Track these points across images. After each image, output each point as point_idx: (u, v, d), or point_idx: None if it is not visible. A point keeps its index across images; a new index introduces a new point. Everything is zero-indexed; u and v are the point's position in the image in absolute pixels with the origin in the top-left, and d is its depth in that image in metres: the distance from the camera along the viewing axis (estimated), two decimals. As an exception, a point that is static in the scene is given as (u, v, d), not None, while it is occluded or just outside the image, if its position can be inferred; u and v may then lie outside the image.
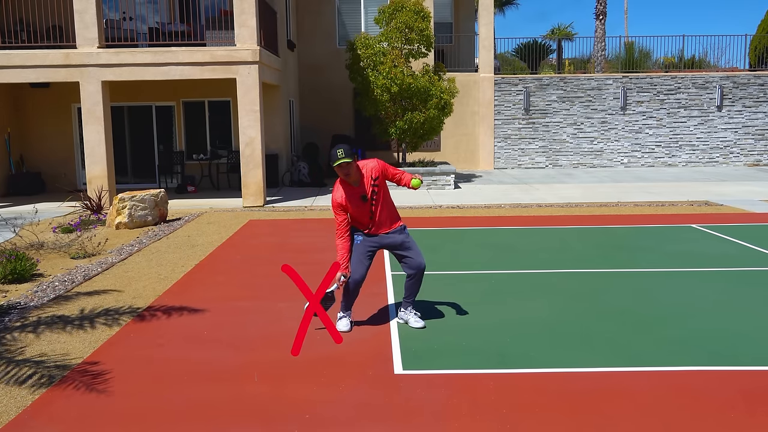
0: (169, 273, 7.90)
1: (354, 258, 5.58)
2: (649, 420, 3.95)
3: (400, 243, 5.59)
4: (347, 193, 5.42)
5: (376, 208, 5.47)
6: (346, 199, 5.41)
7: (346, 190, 5.42)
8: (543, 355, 5.02)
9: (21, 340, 5.54)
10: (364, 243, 5.55)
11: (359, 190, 5.42)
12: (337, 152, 5.24)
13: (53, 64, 13.19)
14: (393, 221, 5.59)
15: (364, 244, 5.56)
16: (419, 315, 5.83)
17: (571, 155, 21.34)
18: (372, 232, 5.55)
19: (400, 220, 5.67)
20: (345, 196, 5.41)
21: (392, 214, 5.61)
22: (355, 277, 5.57)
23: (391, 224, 5.58)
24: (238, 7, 13.26)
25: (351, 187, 5.42)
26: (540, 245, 9.22)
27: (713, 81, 21.23)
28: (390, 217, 5.58)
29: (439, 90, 16.17)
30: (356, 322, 5.87)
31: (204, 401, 4.31)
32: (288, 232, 10.59)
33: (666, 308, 6.20)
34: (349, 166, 5.28)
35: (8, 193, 15.92)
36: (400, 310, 5.86)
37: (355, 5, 20.22)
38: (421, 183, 5.57)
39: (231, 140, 17.09)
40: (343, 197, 5.42)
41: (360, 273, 5.57)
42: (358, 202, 5.42)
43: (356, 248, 5.58)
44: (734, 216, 11.65)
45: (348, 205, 5.43)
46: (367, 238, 5.56)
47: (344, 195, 5.42)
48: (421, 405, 4.20)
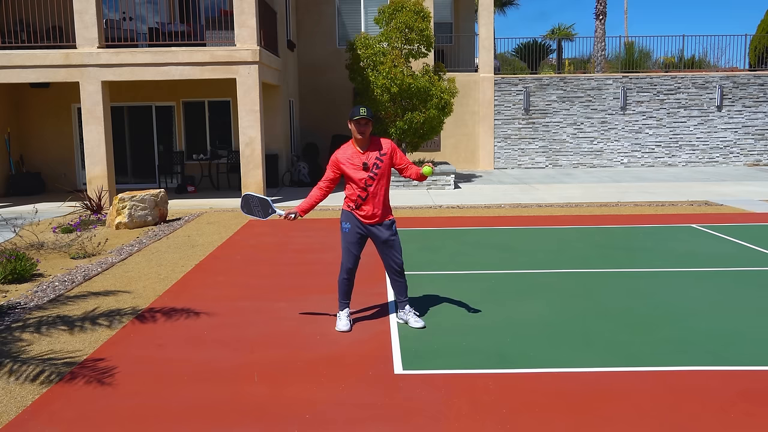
0: (169, 273, 7.90)
1: (344, 248, 5.59)
2: (649, 420, 3.95)
3: (385, 239, 5.57)
4: (351, 154, 5.46)
5: (373, 184, 5.45)
6: (346, 159, 5.45)
7: (351, 152, 5.47)
8: (543, 355, 5.03)
9: (21, 341, 5.55)
10: (352, 230, 5.55)
11: (363, 157, 5.45)
12: (360, 109, 5.34)
13: (53, 64, 13.19)
14: (385, 213, 5.59)
15: (352, 232, 5.55)
16: (418, 314, 5.84)
17: (571, 155, 21.34)
18: (360, 211, 5.50)
19: (391, 214, 5.68)
20: (347, 156, 5.46)
21: (386, 205, 5.60)
22: (348, 265, 5.58)
23: (383, 215, 5.56)
24: (238, 7, 13.26)
25: (357, 151, 5.46)
26: (540, 245, 9.22)
27: (713, 81, 21.23)
28: (384, 206, 5.56)
29: (439, 90, 16.17)
30: (356, 320, 5.87)
31: (204, 401, 4.32)
32: (288, 232, 10.59)
33: (665, 308, 6.20)
34: (367, 124, 5.37)
35: (8, 193, 15.92)
36: (399, 311, 5.87)
37: (355, 5, 20.23)
38: (432, 170, 5.47)
39: (231, 140, 17.10)
40: (344, 156, 5.46)
41: (351, 261, 5.57)
42: (357, 167, 5.43)
43: (344, 237, 5.58)
44: (734, 216, 11.65)
45: (346, 166, 5.44)
46: (355, 224, 5.53)
47: (346, 155, 5.46)
48: (420, 405, 4.20)
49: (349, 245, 5.56)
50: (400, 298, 5.77)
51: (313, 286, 7.18)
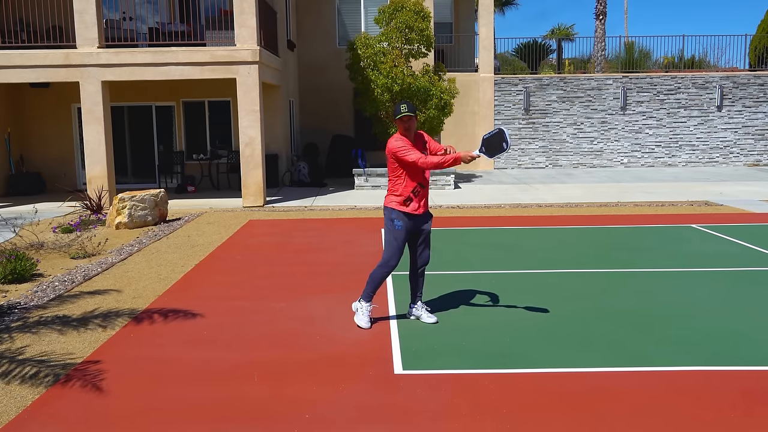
0: (169, 273, 7.90)
1: (394, 245, 5.55)
2: (649, 420, 3.95)
3: (429, 232, 5.70)
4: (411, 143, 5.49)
5: (428, 173, 5.60)
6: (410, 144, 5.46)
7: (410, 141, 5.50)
8: (543, 355, 5.02)
9: (21, 340, 5.54)
10: (404, 229, 5.55)
11: (418, 146, 5.52)
12: (401, 107, 5.40)
13: (53, 64, 13.18)
14: (427, 202, 5.69)
15: (404, 230, 5.55)
16: (429, 309, 5.90)
17: (571, 155, 21.34)
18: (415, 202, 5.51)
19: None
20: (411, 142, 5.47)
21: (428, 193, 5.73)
22: (392, 263, 5.59)
23: (427, 204, 5.66)
24: (238, 7, 13.25)
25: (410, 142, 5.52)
26: (540, 245, 9.22)
27: (713, 81, 21.23)
28: (427, 194, 5.68)
29: (439, 90, 16.17)
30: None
31: (204, 401, 4.31)
32: (288, 232, 10.59)
33: (666, 308, 6.20)
34: (411, 120, 5.44)
35: (8, 193, 15.91)
36: (411, 306, 5.92)
37: (355, 5, 20.22)
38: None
39: (231, 140, 17.09)
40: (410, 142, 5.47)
41: (397, 260, 5.60)
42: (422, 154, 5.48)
43: (396, 235, 5.54)
44: (734, 216, 11.65)
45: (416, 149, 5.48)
46: (408, 221, 5.53)
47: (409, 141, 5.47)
48: (421, 405, 4.19)
49: (401, 243, 5.57)
50: (418, 293, 5.87)
51: (313, 286, 7.18)
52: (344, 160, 18.82)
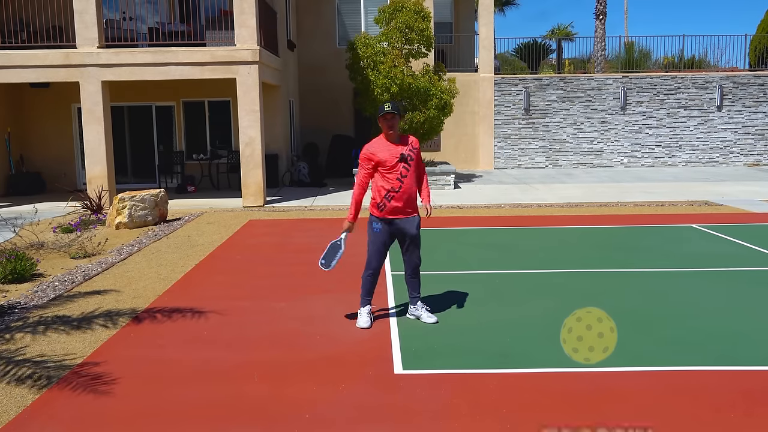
0: (169, 273, 7.90)
1: (372, 248, 5.65)
2: (650, 420, 3.95)
3: (413, 236, 5.69)
4: (384, 147, 5.51)
5: (408, 175, 5.53)
6: (380, 149, 5.49)
7: (384, 145, 5.52)
8: (543, 355, 5.02)
9: (21, 340, 5.54)
10: (383, 232, 5.60)
11: (399, 149, 5.51)
12: (385, 105, 5.43)
13: (53, 64, 13.18)
14: (414, 208, 5.68)
15: (384, 231, 5.59)
16: (429, 309, 5.90)
17: (571, 155, 21.33)
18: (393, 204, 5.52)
19: (417, 210, 5.73)
20: (380, 147, 5.50)
21: (415, 200, 5.69)
22: (375, 265, 5.66)
23: (412, 210, 5.66)
24: (238, 7, 13.25)
25: (390, 144, 5.53)
26: (540, 245, 9.22)
27: (713, 81, 21.23)
28: (414, 200, 5.66)
29: (439, 90, 16.16)
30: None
31: (204, 401, 4.31)
32: (288, 232, 10.59)
33: (665, 308, 6.20)
34: (394, 118, 5.45)
35: (8, 193, 15.91)
36: (410, 307, 5.93)
37: (355, 5, 20.22)
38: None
39: (231, 140, 17.09)
40: (378, 148, 5.50)
41: (379, 262, 5.66)
42: (393, 159, 5.48)
43: (375, 237, 5.63)
44: (734, 216, 11.65)
45: (382, 154, 5.47)
46: (387, 225, 5.57)
47: (380, 147, 5.50)
48: (421, 405, 4.19)
49: (380, 246, 5.63)
50: (414, 294, 5.88)
51: (313, 286, 7.18)
52: (344, 160, 18.82)
